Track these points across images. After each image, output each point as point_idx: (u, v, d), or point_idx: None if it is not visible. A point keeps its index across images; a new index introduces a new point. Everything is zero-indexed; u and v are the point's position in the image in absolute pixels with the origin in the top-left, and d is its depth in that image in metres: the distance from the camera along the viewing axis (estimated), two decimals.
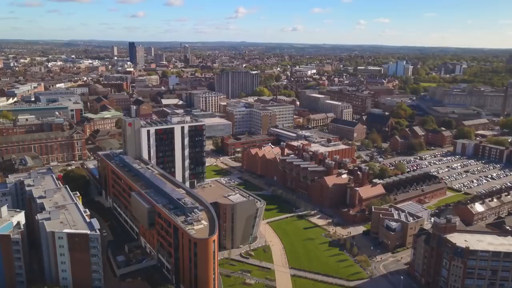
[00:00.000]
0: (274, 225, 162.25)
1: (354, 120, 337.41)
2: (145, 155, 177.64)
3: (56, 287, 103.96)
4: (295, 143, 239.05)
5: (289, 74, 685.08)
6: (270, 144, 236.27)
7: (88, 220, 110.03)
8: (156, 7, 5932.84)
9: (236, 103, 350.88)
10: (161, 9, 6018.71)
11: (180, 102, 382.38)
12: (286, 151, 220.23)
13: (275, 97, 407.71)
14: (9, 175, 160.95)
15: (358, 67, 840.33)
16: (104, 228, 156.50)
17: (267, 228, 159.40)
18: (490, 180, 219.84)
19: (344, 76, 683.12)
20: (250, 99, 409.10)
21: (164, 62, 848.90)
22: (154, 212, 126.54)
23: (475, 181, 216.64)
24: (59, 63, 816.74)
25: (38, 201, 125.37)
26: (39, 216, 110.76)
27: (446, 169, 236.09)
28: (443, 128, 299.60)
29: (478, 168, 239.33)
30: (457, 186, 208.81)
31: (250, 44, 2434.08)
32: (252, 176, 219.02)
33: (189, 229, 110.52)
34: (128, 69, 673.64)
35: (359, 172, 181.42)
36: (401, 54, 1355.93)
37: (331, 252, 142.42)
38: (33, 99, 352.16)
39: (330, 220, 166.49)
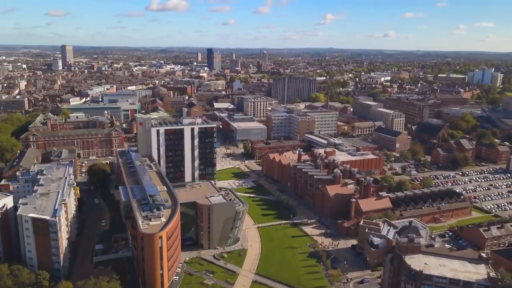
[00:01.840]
0: (263, 230, 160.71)
1: (400, 130, 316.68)
2: (154, 154, 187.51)
3: (24, 266, 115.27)
4: (320, 150, 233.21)
5: (357, 81, 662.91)
6: (298, 149, 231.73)
7: (56, 207, 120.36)
8: (245, 15, 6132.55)
9: (281, 108, 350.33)
10: (250, 16, 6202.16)
11: (231, 106, 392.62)
12: (303, 157, 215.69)
13: (326, 103, 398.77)
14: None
15: (439, 75, 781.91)
16: (107, 219, 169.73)
17: (255, 232, 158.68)
18: None
19: (419, 84, 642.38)
20: (302, 105, 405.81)
21: (238, 68, 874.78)
22: (129, 206, 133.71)
23: None
24: (144, 67, 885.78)
25: (35, 188, 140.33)
26: (20, 201, 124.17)
27: (486, 188, 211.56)
28: (497, 141, 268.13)
29: None
30: (489, 206, 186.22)
31: (337, 51, 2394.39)
32: (268, 181, 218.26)
33: (142, 224, 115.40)
34: (201, 74, 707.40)
35: (365, 183, 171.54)
36: (503, 61, 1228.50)
37: (306, 262, 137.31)
38: (100, 99, 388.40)
39: (324, 231, 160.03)
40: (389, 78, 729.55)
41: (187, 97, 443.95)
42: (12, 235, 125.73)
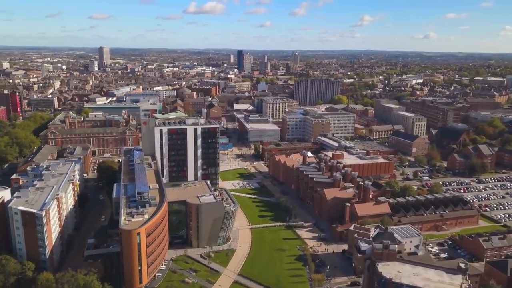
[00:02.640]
0: (256, 231, 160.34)
1: (421, 135, 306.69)
2: (158, 153, 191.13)
3: (14, 257, 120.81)
4: (328, 153, 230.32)
5: (386, 83, 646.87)
6: (303, 152, 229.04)
7: (46, 201, 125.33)
8: (281, 17, 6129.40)
9: (298, 109, 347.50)
10: (286, 18, 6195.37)
11: (250, 108, 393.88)
12: (310, 160, 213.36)
13: (347, 105, 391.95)
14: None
15: (476, 78, 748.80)
16: (107, 215, 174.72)
17: (248, 233, 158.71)
18: None
19: (452, 87, 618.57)
20: (323, 107, 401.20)
21: (266, 70, 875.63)
22: (119, 202, 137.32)
23: None
24: (175, 69, 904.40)
25: (35, 182, 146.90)
26: (15, 195, 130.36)
27: (501, 196, 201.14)
28: None
29: None
30: (499, 216, 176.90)
31: (374, 53, 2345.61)
32: (273, 182, 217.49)
33: (124, 220, 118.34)
34: (228, 76, 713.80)
35: (364, 187, 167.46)
36: None
37: (292, 265, 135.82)
38: (124, 99, 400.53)
39: (317, 234, 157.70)
40: (421, 80, 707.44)
41: (210, 98, 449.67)
42: (8, 227, 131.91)
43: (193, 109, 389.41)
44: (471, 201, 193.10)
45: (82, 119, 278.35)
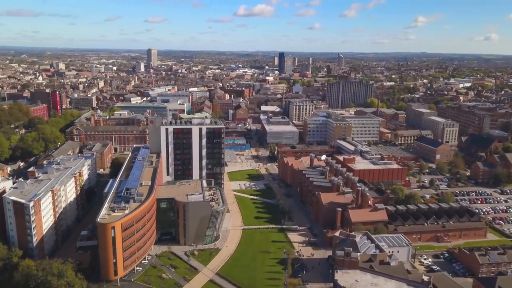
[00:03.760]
0: (247, 232, 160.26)
1: (451, 141, 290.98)
2: (163, 151, 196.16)
3: (8, 244, 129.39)
4: (340, 157, 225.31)
5: (429, 87, 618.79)
6: (311, 155, 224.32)
7: (37, 193, 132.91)
8: (331, 18, 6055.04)
9: (322, 112, 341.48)
10: (336, 20, 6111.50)
11: (278, 109, 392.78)
12: (318, 163, 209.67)
13: (377, 109, 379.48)
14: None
15: None
16: None
17: (238, 233, 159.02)
18: None
19: (502, 91, 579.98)
20: (352, 111, 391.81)
21: (307, 72, 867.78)
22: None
23: None
24: (217, 71, 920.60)
25: (38, 175, 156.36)
26: (13, 185, 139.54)
27: None
28: None
29: None
30: (511, 230, 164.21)
31: (430, 55, 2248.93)
32: (280, 184, 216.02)
33: (103, 214, 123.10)
34: (267, 78, 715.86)
35: (361, 192, 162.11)
36: None
37: (272, 269, 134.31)
38: (156, 99, 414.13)
39: (307, 239, 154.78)
40: (469, 84, 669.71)
41: (241, 99, 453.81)
42: (4, 216, 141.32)
43: (220, 110, 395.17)
44: (486, 212, 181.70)
45: (108, 117, 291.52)
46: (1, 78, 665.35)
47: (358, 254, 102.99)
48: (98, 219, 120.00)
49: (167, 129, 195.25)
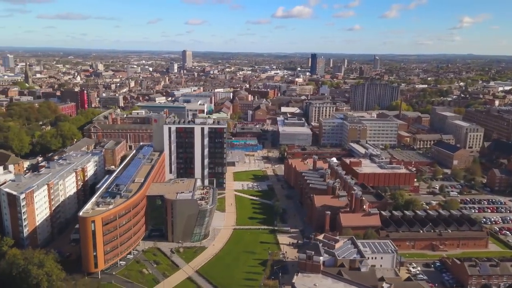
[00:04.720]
0: (238, 232, 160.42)
1: (474, 146, 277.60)
2: (166, 150, 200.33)
3: (3, 234, 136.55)
4: (346, 160, 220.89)
5: (463, 90, 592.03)
6: (314, 157, 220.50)
7: (30, 185, 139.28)
8: (371, 20, 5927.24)
9: (339, 114, 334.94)
10: (376, 21, 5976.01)
11: (298, 111, 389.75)
12: (318, 165, 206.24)
13: (399, 112, 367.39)
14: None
15: None
16: None
17: (228, 233, 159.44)
18: None
19: None
20: (374, 113, 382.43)
21: (338, 74, 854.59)
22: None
23: None
24: (248, 72, 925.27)
25: (41, 169, 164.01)
26: (11, 178, 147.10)
27: None
28: None
29: None
30: None
31: (476, 57, 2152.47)
32: (283, 186, 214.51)
33: (87, 208, 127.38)
34: (296, 79, 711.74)
35: (355, 196, 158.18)
36: None
37: (252, 269, 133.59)
38: (178, 99, 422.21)
39: (296, 241, 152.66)
40: (509, 88, 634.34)
41: (263, 100, 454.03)
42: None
43: (240, 111, 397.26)
44: (494, 222, 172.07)
45: (125, 115, 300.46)
46: (42, 77, 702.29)
47: (321, 258, 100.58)
48: (80, 213, 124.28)
49: (170, 128, 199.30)
